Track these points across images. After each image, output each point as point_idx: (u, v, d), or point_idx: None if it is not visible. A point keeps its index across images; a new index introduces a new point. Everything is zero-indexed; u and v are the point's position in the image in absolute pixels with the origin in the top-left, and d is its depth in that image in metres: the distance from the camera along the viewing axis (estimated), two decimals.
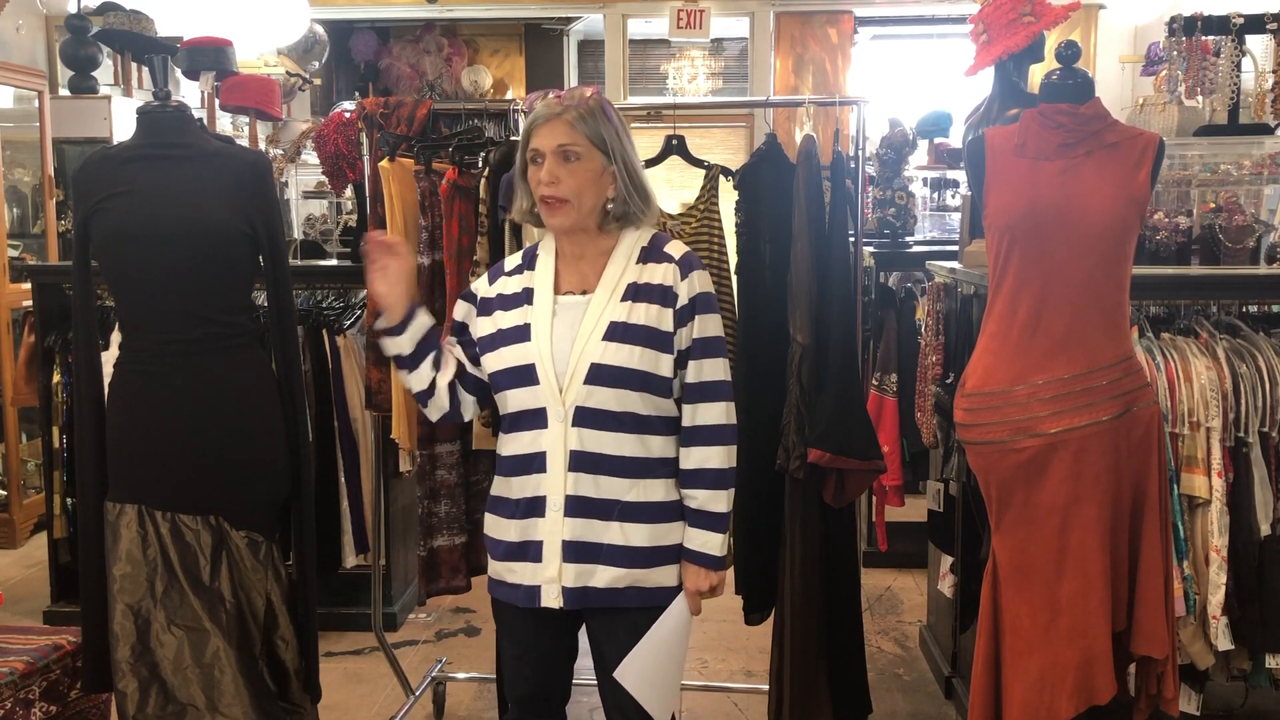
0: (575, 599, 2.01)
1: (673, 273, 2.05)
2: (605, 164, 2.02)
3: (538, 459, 2.02)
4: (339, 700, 3.43)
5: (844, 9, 7.52)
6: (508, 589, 2.08)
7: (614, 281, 2.04)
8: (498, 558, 2.10)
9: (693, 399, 2.07)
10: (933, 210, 5.54)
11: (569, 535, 2.00)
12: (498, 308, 2.10)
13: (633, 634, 2.05)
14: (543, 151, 2.01)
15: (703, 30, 7.23)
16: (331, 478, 3.62)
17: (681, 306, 2.04)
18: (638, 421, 2.01)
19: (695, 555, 2.07)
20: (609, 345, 1.99)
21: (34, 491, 5.02)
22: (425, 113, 3.02)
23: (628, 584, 2.02)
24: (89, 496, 2.51)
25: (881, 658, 3.74)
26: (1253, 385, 2.76)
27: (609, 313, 2.01)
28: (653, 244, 2.10)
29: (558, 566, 2.01)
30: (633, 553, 2.02)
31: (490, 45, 8.85)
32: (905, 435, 4.02)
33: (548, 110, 2.02)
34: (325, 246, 4.38)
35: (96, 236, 2.42)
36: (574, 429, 1.99)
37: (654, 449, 2.04)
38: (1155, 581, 2.42)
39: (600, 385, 1.98)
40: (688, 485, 2.08)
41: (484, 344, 2.10)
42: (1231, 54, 3.54)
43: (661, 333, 2.02)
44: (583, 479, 2.00)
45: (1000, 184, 2.45)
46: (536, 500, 2.02)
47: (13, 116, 5.52)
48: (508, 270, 2.15)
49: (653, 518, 2.03)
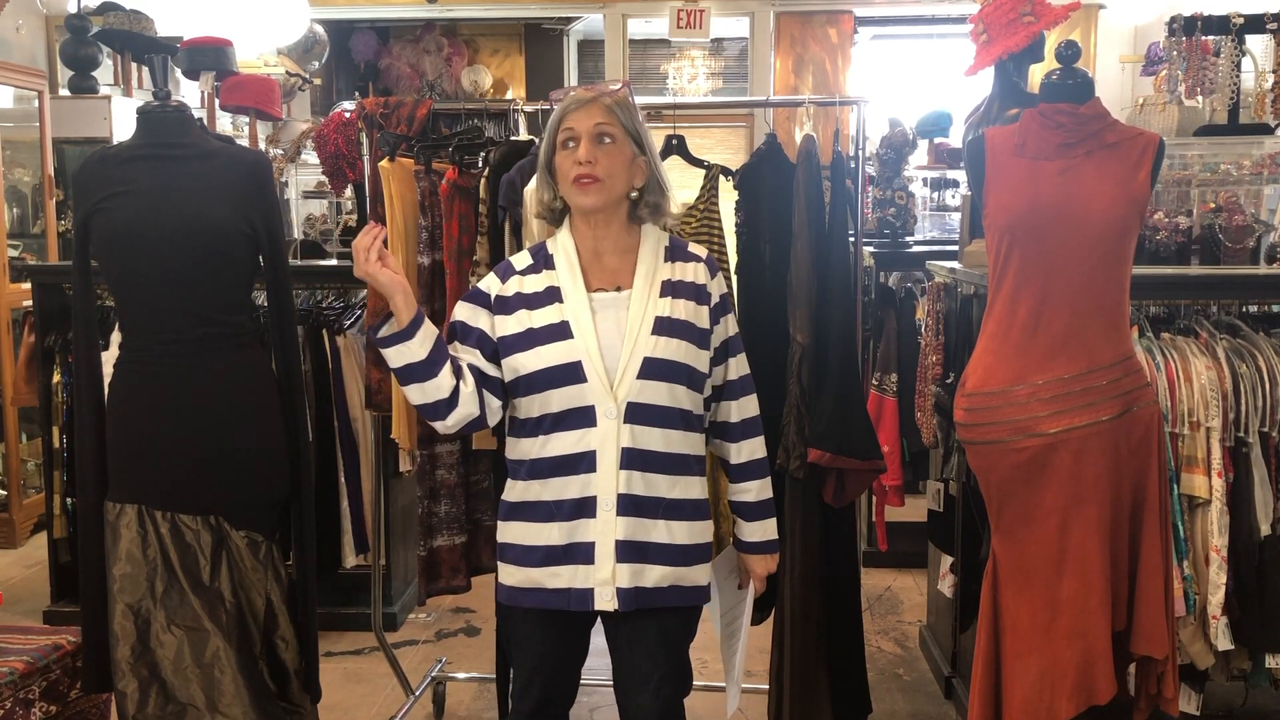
0: (628, 600, 1.98)
1: (704, 271, 2.10)
2: (635, 153, 2.05)
3: (586, 458, 1.98)
4: (339, 700, 3.43)
5: (844, 9, 7.52)
6: (548, 595, 2.01)
7: (648, 278, 2.05)
8: (533, 564, 2.02)
9: (735, 394, 2.14)
10: (933, 210, 5.54)
11: (622, 535, 1.97)
12: (521, 306, 2.04)
13: (663, 636, 2.05)
14: (578, 133, 2.01)
15: (703, 30, 7.23)
16: (331, 478, 3.62)
17: (715, 304, 2.10)
18: (684, 417, 2.04)
19: (762, 545, 2.20)
20: (659, 339, 1.99)
21: (34, 491, 5.02)
22: (425, 113, 3.02)
23: (670, 582, 2.03)
24: (89, 496, 2.50)
25: (881, 658, 3.74)
26: (1253, 385, 2.76)
27: (652, 308, 2.02)
28: (675, 244, 2.13)
29: (612, 567, 1.97)
30: (677, 550, 2.03)
31: (490, 45, 8.85)
32: (905, 435, 4.02)
33: (583, 95, 2.04)
34: (325, 246, 4.38)
35: (96, 236, 2.42)
36: (626, 425, 1.97)
37: (694, 445, 2.07)
38: (1155, 581, 2.42)
39: (653, 379, 1.98)
40: (742, 479, 2.16)
41: (512, 343, 2.03)
42: (1231, 54, 3.54)
43: (700, 329, 2.05)
44: (634, 476, 1.98)
45: (1000, 184, 2.45)
46: (585, 501, 1.98)
47: (13, 116, 5.52)
48: (519, 269, 2.10)
49: (691, 515, 2.06)
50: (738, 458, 2.15)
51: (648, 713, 2.05)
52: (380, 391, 3.07)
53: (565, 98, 2.07)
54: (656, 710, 2.05)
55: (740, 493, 2.17)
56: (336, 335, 3.63)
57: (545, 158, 2.08)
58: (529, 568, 2.03)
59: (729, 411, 2.14)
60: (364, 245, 1.98)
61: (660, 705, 2.05)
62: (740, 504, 2.18)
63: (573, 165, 2.00)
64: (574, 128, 2.01)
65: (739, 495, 2.18)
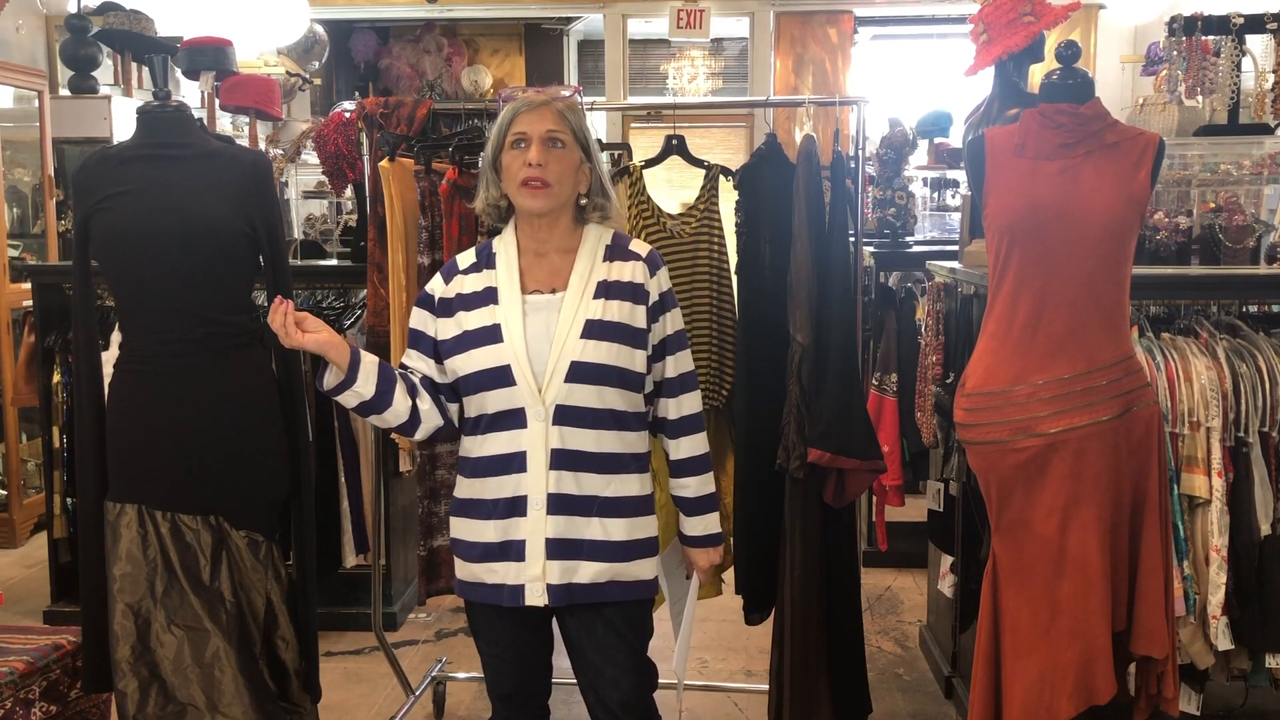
0: (559, 596, 2.03)
1: (642, 270, 2.11)
2: (582, 159, 2.08)
3: (517, 459, 2.02)
4: (339, 700, 3.43)
5: (844, 9, 7.52)
6: (486, 590, 2.08)
7: (584, 279, 2.07)
8: (473, 559, 2.09)
9: (675, 391, 2.15)
10: (933, 210, 5.53)
11: (552, 533, 2.01)
12: (459, 308, 2.09)
13: (610, 630, 2.07)
14: (529, 136, 2.03)
15: (703, 30, 7.23)
16: (331, 478, 3.62)
17: (654, 303, 2.10)
18: (616, 418, 2.05)
19: (703, 539, 2.21)
20: (587, 343, 2.01)
21: (34, 491, 5.02)
22: (425, 113, 3.02)
23: (609, 578, 2.05)
24: (89, 496, 2.51)
25: (881, 658, 3.74)
26: (1253, 385, 2.76)
27: (583, 310, 2.03)
28: (616, 242, 2.14)
29: (541, 564, 2.01)
30: (613, 547, 2.05)
31: (490, 45, 8.85)
32: (905, 435, 4.02)
33: (535, 98, 2.07)
34: (325, 246, 4.37)
35: (97, 236, 2.42)
36: (555, 427, 2.01)
37: (629, 444, 2.08)
38: (1155, 581, 2.42)
39: (581, 383, 2.00)
40: (682, 475, 2.18)
41: (449, 346, 2.08)
42: (1231, 54, 3.54)
43: (635, 329, 2.06)
44: (564, 476, 2.01)
45: (1000, 184, 2.45)
46: (517, 500, 2.03)
47: (13, 116, 5.52)
48: (463, 268, 2.13)
49: (630, 512, 2.07)
50: (676, 454, 2.18)
51: (609, 705, 2.08)
52: None
53: (517, 99, 2.10)
54: (617, 701, 2.08)
55: (680, 488, 2.20)
56: None
57: (492, 156, 2.10)
58: (471, 563, 2.10)
59: (667, 409, 2.16)
60: (277, 324, 2.03)
61: (620, 696, 2.08)
62: (680, 499, 2.22)
63: (522, 167, 2.02)
64: (526, 131, 2.04)
65: (679, 490, 2.21)
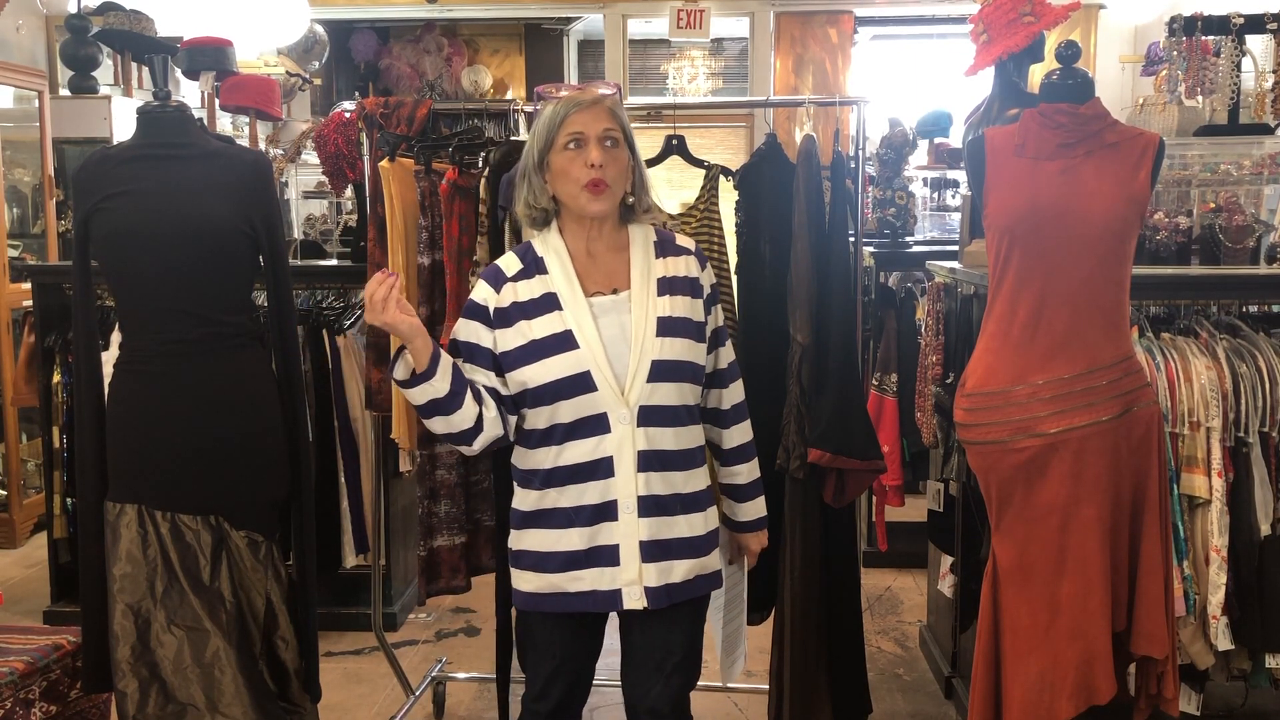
0: (658, 597, 2.01)
1: (694, 264, 2.12)
2: (629, 158, 2.05)
3: (604, 464, 1.98)
4: (339, 700, 3.43)
5: (844, 9, 7.51)
6: (570, 598, 2.02)
7: (645, 277, 2.05)
8: (552, 569, 2.02)
9: (725, 382, 2.18)
10: (933, 210, 5.53)
11: (645, 535, 1.99)
12: (519, 317, 2.02)
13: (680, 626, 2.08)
14: (587, 136, 1.98)
15: (703, 30, 7.22)
16: (331, 478, 3.62)
17: (707, 295, 2.12)
18: (689, 413, 2.08)
19: (755, 523, 2.27)
20: (663, 341, 2.00)
21: (34, 491, 5.02)
22: (425, 113, 3.02)
23: (696, 573, 2.07)
24: (89, 496, 2.51)
25: (881, 658, 3.74)
26: (1253, 385, 2.76)
27: (653, 309, 2.02)
28: (662, 237, 2.13)
29: (638, 568, 1.99)
30: (697, 542, 2.07)
31: (490, 45, 8.85)
32: (905, 435, 4.02)
33: (585, 96, 2.02)
34: (325, 246, 4.37)
35: (97, 236, 2.42)
36: (640, 429, 1.98)
37: (698, 438, 2.11)
38: (1155, 581, 2.42)
39: (662, 381, 2.00)
40: (734, 462, 2.22)
41: (515, 357, 2.00)
42: (1231, 54, 3.53)
43: (696, 323, 2.07)
44: (652, 478, 2.00)
45: (1000, 184, 2.45)
46: (606, 505, 1.99)
47: (13, 116, 5.52)
48: (510, 275, 2.06)
49: (703, 505, 2.10)
50: (730, 442, 2.20)
51: (661, 701, 2.07)
52: (380, 392, 3.07)
53: (565, 97, 2.05)
54: (669, 699, 2.07)
55: (733, 475, 2.23)
56: (336, 335, 3.63)
57: (540, 157, 2.02)
58: (548, 573, 2.03)
59: (720, 399, 2.18)
60: (380, 295, 1.92)
61: (672, 694, 2.08)
62: (733, 486, 2.24)
63: (583, 168, 1.97)
64: (583, 131, 1.98)
65: (732, 478, 2.23)
